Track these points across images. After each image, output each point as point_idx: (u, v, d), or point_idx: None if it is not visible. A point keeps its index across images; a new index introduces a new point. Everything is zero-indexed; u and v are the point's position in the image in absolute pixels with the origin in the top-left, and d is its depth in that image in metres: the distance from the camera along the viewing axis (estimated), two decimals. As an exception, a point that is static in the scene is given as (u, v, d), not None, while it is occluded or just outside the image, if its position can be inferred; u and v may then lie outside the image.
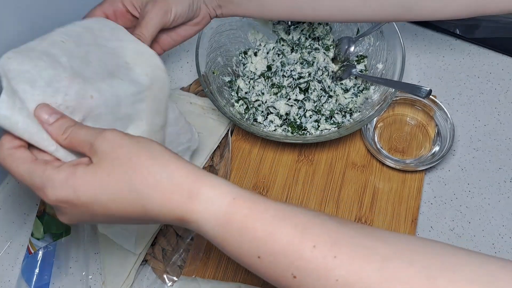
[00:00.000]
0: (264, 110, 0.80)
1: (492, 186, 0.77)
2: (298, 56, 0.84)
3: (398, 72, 0.77)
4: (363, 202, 0.75)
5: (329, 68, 0.83)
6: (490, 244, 0.73)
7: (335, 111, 0.79)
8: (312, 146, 0.80)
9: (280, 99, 0.80)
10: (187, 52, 0.94)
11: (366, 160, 0.79)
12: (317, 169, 0.79)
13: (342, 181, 0.77)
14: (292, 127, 0.79)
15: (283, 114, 0.79)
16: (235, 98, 0.83)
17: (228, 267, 0.71)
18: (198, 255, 0.71)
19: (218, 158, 0.81)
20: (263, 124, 0.80)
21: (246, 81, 0.84)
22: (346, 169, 0.78)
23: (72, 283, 0.73)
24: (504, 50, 0.89)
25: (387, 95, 0.76)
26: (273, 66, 0.84)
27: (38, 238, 0.74)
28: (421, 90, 0.73)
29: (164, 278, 0.71)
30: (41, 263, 0.73)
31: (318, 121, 0.79)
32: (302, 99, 0.80)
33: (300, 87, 0.80)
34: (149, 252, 0.74)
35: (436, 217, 0.75)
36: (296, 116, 0.79)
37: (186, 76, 0.91)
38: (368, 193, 0.76)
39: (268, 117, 0.80)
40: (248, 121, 0.80)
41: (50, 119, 0.47)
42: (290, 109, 0.79)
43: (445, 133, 0.78)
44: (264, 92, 0.81)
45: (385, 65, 0.81)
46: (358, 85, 0.82)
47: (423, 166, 0.75)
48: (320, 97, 0.80)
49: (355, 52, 0.85)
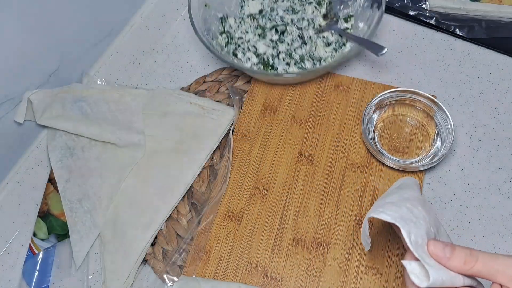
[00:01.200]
0: (245, 48, 0.87)
1: (492, 186, 0.77)
2: (288, 4, 0.91)
3: (371, 30, 0.83)
4: (363, 203, 0.75)
5: (315, 21, 0.89)
6: (490, 244, 0.73)
7: (305, 57, 0.85)
8: (312, 146, 0.80)
9: (261, 40, 0.87)
10: (187, 52, 0.94)
11: (366, 160, 0.79)
12: (317, 169, 0.79)
13: (342, 181, 0.77)
14: (265, 66, 0.85)
15: (260, 53, 0.86)
16: (220, 31, 0.89)
17: (228, 267, 0.71)
18: (198, 255, 0.72)
19: (218, 158, 0.81)
20: (241, 60, 0.87)
21: (236, 20, 0.90)
22: (346, 169, 0.78)
23: (72, 283, 0.73)
24: (504, 50, 0.89)
25: (356, 52, 0.85)
26: (263, 10, 0.91)
27: (43, 239, 0.74)
28: (377, 47, 0.78)
29: (164, 278, 0.71)
30: (41, 263, 0.73)
31: (289, 64, 0.85)
32: (276, 40, 0.87)
33: (277, 28, 0.88)
34: (149, 252, 0.74)
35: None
36: (270, 56, 0.86)
37: (186, 76, 0.91)
38: (368, 193, 0.76)
39: (246, 54, 0.87)
40: (227, 54, 0.87)
41: (447, 254, 0.48)
42: (267, 49, 0.86)
43: (445, 133, 0.78)
44: (248, 32, 0.89)
45: (364, 24, 0.87)
46: (340, 42, 0.87)
47: (423, 166, 0.75)
48: (293, 41, 0.87)
49: (347, 13, 0.91)
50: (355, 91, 0.84)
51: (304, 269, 0.70)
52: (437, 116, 0.79)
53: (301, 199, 0.77)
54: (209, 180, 0.80)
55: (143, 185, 0.78)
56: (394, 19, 0.93)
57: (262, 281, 0.70)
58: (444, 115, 0.78)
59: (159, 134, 0.82)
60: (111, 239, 0.74)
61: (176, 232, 0.76)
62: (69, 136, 0.82)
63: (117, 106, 0.84)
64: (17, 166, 0.83)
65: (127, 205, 0.77)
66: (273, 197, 0.77)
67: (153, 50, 0.95)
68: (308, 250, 0.72)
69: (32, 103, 0.80)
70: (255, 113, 0.83)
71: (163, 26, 0.96)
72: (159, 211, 0.76)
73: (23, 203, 0.80)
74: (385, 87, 0.84)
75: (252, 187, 0.78)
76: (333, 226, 0.74)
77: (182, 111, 0.84)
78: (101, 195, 0.77)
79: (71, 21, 0.80)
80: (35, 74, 0.79)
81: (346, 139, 0.81)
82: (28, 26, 0.74)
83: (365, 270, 0.70)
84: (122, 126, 0.82)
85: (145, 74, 0.92)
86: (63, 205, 0.77)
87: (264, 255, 0.72)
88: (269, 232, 0.74)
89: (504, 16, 0.91)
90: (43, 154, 0.84)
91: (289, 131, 0.81)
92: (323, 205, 0.76)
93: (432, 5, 0.92)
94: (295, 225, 0.74)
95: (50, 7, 0.76)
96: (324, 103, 0.84)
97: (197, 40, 0.95)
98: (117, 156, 0.80)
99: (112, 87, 0.86)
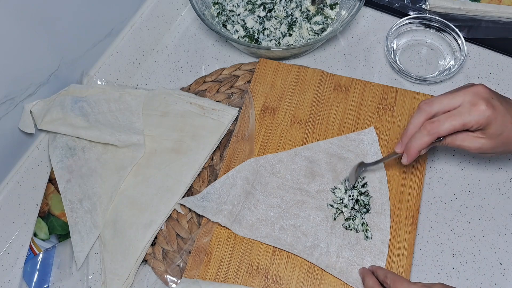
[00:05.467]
0: (235, 21, 0.93)
1: (492, 186, 0.77)
2: None
3: (349, 17, 0.87)
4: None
5: (303, 4, 0.94)
6: (490, 244, 0.73)
7: (286, 34, 0.92)
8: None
9: (250, 15, 0.93)
10: (187, 52, 0.94)
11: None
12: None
13: (342, 182, 0.78)
14: (250, 39, 0.92)
15: (248, 27, 0.92)
16: (213, 2, 0.95)
17: (230, 269, 0.71)
18: (199, 257, 0.71)
19: (218, 158, 0.81)
20: (230, 31, 0.93)
21: None
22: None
23: (72, 283, 0.73)
24: (504, 50, 0.89)
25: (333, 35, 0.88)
26: None
27: (43, 239, 0.74)
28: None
29: (166, 279, 0.71)
30: (41, 263, 0.73)
31: (273, 41, 0.91)
32: (263, 17, 0.92)
33: (265, 6, 0.93)
34: (149, 252, 0.74)
35: (436, 217, 0.75)
36: (256, 31, 0.92)
37: (186, 76, 0.91)
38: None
39: (235, 26, 0.92)
40: (218, 24, 0.92)
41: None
42: (254, 24, 0.92)
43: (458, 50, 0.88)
44: (240, 6, 0.94)
45: (346, 12, 0.91)
46: (324, 26, 0.92)
47: (440, 77, 0.84)
48: (280, 21, 0.92)
49: (333, 0, 0.95)
50: (355, 91, 0.84)
51: (305, 270, 0.70)
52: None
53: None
54: (209, 180, 0.80)
55: (143, 185, 0.78)
56: (394, 19, 0.93)
57: (264, 283, 0.70)
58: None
59: (159, 134, 0.82)
60: (111, 239, 0.74)
61: (176, 232, 0.76)
62: (69, 137, 0.82)
63: (117, 106, 0.84)
64: (17, 166, 0.83)
65: (127, 205, 0.77)
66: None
67: (153, 50, 0.95)
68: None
69: (33, 112, 0.81)
70: (255, 114, 0.83)
71: (163, 26, 0.96)
72: (159, 211, 0.76)
73: (23, 203, 0.80)
74: (385, 87, 0.84)
75: (253, 187, 0.78)
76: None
77: (182, 111, 0.84)
78: (102, 195, 0.77)
79: (71, 21, 0.80)
80: (35, 74, 0.79)
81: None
82: (28, 26, 0.74)
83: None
84: (121, 127, 0.82)
85: (145, 74, 0.92)
86: (64, 205, 0.77)
87: (265, 257, 0.72)
88: (270, 232, 0.74)
89: (504, 16, 0.91)
90: (43, 154, 0.84)
91: (289, 132, 0.81)
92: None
93: (432, 5, 0.92)
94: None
95: (50, 7, 0.76)
96: (323, 103, 0.84)
97: (197, 41, 0.95)
98: (117, 157, 0.80)
99: (112, 87, 0.86)
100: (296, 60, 0.91)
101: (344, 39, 0.93)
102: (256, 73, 0.87)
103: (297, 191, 0.75)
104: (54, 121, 0.81)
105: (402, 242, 0.71)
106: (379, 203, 0.73)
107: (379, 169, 0.76)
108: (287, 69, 0.87)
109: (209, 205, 0.74)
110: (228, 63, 0.92)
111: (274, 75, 0.87)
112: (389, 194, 0.74)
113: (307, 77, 0.86)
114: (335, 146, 0.78)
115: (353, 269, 0.69)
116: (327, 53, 0.92)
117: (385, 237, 0.71)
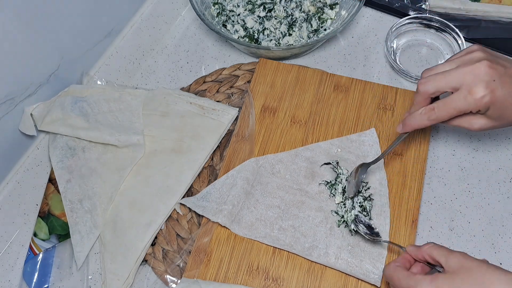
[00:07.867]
0: (235, 20, 0.93)
1: (492, 186, 0.77)
2: None
3: (349, 17, 0.88)
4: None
5: (303, 5, 0.93)
6: (490, 244, 0.73)
7: (285, 34, 0.92)
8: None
9: (250, 14, 0.93)
10: (187, 52, 0.94)
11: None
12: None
13: (342, 182, 0.78)
14: (250, 39, 0.92)
15: (248, 27, 0.92)
16: (213, 1, 0.95)
17: (229, 269, 0.71)
18: (199, 257, 0.72)
19: (218, 158, 0.81)
20: (230, 31, 0.93)
21: None
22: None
23: (72, 283, 0.73)
24: (504, 50, 0.88)
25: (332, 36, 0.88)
26: None
27: (44, 239, 0.74)
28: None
29: (166, 279, 0.71)
30: (41, 263, 0.73)
31: (274, 41, 0.91)
32: (263, 17, 0.92)
33: (265, 6, 0.93)
34: (149, 252, 0.74)
35: (436, 217, 0.75)
36: (256, 31, 0.92)
37: (186, 76, 0.91)
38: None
39: (235, 26, 0.92)
40: (218, 24, 0.92)
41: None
42: (254, 24, 0.92)
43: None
44: (240, 6, 0.94)
45: (346, 12, 0.92)
46: (323, 28, 0.93)
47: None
48: (280, 21, 0.92)
49: (333, 1, 0.96)
50: (355, 91, 0.84)
51: (305, 270, 0.70)
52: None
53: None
54: (209, 180, 0.80)
55: (143, 185, 0.78)
56: (394, 19, 0.93)
57: (264, 283, 0.70)
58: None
59: (159, 134, 0.82)
60: (111, 239, 0.74)
61: (176, 232, 0.76)
62: (70, 137, 0.82)
63: (117, 106, 0.84)
64: (17, 166, 0.83)
65: (127, 205, 0.77)
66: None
67: (153, 50, 0.95)
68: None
69: (33, 115, 0.81)
70: (255, 114, 0.83)
71: (163, 26, 0.96)
72: (159, 211, 0.76)
73: (23, 203, 0.80)
74: (385, 87, 0.84)
75: (253, 187, 0.78)
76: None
77: (182, 111, 0.84)
78: (102, 195, 0.77)
79: (71, 21, 0.80)
80: (35, 74, 0.79)
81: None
82: (28, 26, 0.74)
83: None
84: (121, 127, 0.82)
85: (145, 74, 0.92)
86: (64, 205, 0.77)
87: (265, 257, 0.72)
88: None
89: (504, 16, 0.91)
90: (43, 154, 0.84)
91: (289, 132, 0.81)
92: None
93: (432, 5, 0.92)
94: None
95: (50, 7, 0.76)
96: (323, 103, 0.84)
97: (197, 41, 0.95)
98: (117, 157, 0.80)
99: (112, 87, 0.86)
100: (296, 60, 0.92)
101: (344, 39, 0.93)
102: (256, 73, 0.87)
103: (296, 191, 0.75)
104: (54, 121, 0.81)
105: (402, 242, 0.71)
106: (378, 205, 0.73)
107: (379, 170, 0.76)
108: (287, 69, 0.87)
109: (209, 205, 0.74)
110: (228, 63, 0.92)
111: (274, 75, 0.87)
112: (388, 195, 0.74)
113: (307, 77, 0.86)
114: (336, 147, 0.78)
115: (351, 271, 0.69)
116: (327, 53, 0.92)
117: (384, 238, 0.70)
